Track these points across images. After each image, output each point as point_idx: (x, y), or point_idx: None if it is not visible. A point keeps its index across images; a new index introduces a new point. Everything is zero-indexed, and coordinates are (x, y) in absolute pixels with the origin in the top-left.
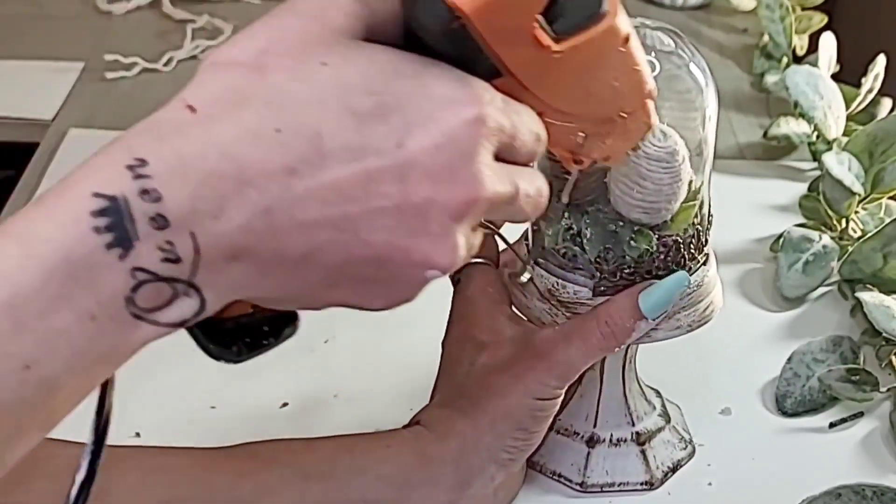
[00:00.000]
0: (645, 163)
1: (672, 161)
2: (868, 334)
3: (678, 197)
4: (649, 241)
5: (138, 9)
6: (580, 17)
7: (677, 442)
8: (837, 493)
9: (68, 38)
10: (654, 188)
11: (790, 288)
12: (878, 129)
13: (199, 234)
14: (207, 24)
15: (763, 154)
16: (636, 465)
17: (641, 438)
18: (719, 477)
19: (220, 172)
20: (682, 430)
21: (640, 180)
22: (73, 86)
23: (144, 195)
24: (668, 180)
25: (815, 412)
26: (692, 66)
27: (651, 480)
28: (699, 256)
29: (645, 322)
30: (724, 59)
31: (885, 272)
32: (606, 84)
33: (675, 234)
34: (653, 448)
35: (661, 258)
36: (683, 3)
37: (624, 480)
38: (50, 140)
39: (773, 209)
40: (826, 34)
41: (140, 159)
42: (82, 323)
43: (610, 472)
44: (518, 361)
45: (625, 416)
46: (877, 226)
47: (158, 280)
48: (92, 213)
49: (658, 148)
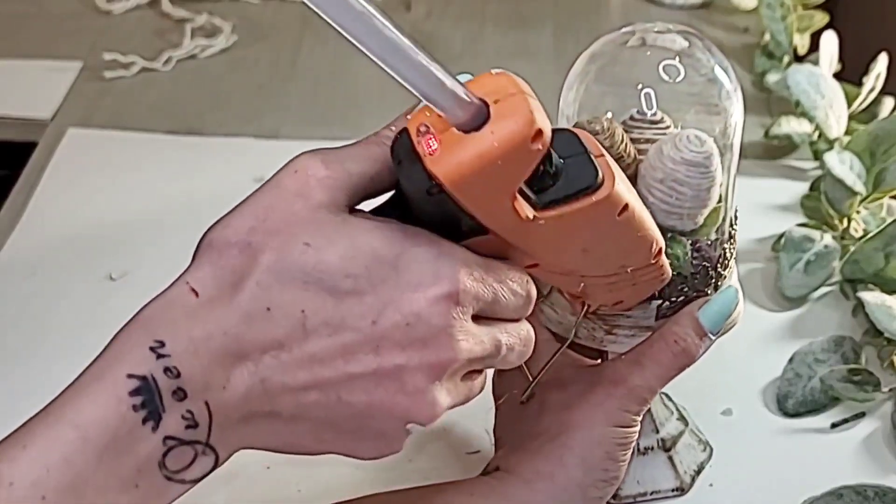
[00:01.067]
0: (683, 168)
1: (710, 165)
2: (870, 334)
3: (713, 201)
4: (683, 247)
5: (137, 8)
6: (571, 188)
7: (696, 444)
8: (839, 494)
9: (67, 36)
10: (693, 194)
11: (792, 288)
12: (880, 129)
13: (211, 403)
14: (206, 23)
15: (764, 153)
16: (665, 472)
17: (667, 444)
18: (721, 477)
19: (225, 350)
20: (698, 431)
21: (678, 186)
22: (72, 85)
23: (167, 373)
24: (706, 185)
25: (817, 412)
26: (717, 71)
27: (682, 486)
28: (730, 261)
29: (709, 337)
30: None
31: (886, 272)
32: (603, 246)
33: (706, 238)
34: (678, 453)
35: (695, 263)
36: (684, 3)
37: (656, 489)
38: (48, 139)
39: (775, 209)
40: (827, 33)
41: (159, 341)
42: (129, 492)
43: (641, 481)
44: (594, 393)
45: (649, 424)
46: (878, 225)
47: (183, 444)
48: (129, 393)
49: (695, 153)
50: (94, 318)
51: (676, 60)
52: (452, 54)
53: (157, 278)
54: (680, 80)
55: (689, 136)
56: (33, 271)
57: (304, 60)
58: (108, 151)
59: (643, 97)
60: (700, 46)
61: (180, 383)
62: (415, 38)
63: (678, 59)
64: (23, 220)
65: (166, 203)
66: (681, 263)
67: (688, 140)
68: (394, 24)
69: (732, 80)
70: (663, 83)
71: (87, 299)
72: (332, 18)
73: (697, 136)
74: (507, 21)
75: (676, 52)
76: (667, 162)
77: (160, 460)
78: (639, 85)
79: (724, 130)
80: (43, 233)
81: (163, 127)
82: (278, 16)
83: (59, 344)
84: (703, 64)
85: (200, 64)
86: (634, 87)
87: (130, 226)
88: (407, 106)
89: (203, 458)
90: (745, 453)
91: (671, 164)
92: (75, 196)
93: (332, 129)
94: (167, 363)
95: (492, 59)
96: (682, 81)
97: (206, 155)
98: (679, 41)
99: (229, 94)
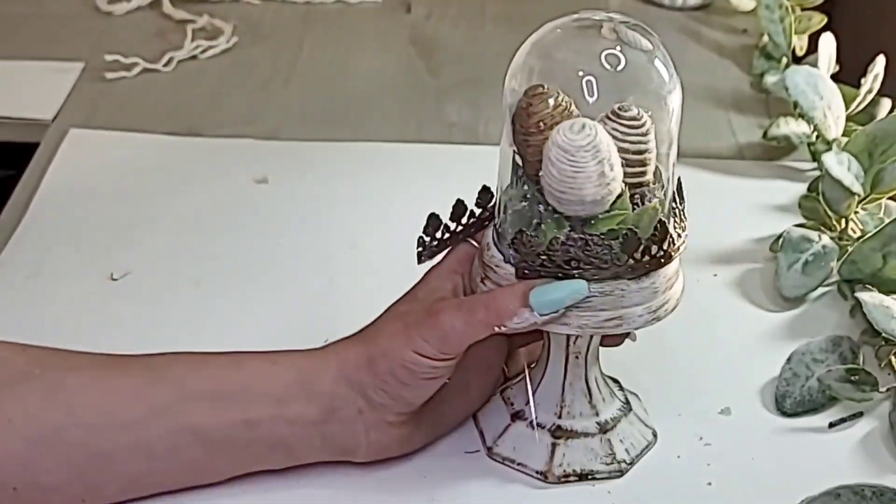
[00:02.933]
0: (555, 150)
1: (576, 155)
2: (867, 334)
3: (585, 193)
4: (559, 230)
5: (138, 9)
6: None
7: (603, 455)
8: (837, 494)
9: (68, 38)
10: (559, 177)
11: (790, 288)
12: (878, 130)
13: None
14: (207, 25)
15: (763, 154)
16: (541, 454)
17: (559, 433)
18: (719, 477)
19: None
20: (622, 449)
21: (549, 165)
22: (74, 86)
23: None
24: (570, 172)
25: (815, 412)
26: (657, 61)
27: (546, 473)
28: (618, 265)
29: (530, 312)
30: (724, 59)
31: (884, 272)
32: None
33: (597, 234)
34: (567, 447)
35: (579, 252)
36: (683, 4)
37: (524, 462)
38: (50, 140)
39: (773, 209)
40: (825, 34)
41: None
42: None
43: (516, 449)
44: (414, 315)
45: (555, 406)
46: (876, 226)
47: None
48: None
49: (566, 139)
50: (96, 318)
51: (617, 49)
52: (452, 55)
53: (158, 278)
54: (620, 69)
55: (575, 123)
56: (35, 271)
57: (305, 62)
58: (109, 152)
59: (584, 85)
60: (644, 37)
61: None
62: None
63: (619, 47)
64: (24, 221)
65: (168, 203)
66: (540, 242)
67: (570, 126)
68: None
69: (671, 70)
70: (604, 70)
71: (89, 299)
72: None
73: (583, 125)
74: (507, 21)
75: (618, 41)
76: (549, 141)
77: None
78: (580, 72)
79: (662, 120)
80: (45, 233)
81: (164, 128)
82: (279, 17)
83: (60, 344)
84: (645, 54)
85: (201, 65)
86: (576, 75)
87: (132, 226)
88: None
89: None
90: (742, 453)
91: (549, 143)
92: (77, 196)
93: (333, 130)
94: None
95: (492, 59)
96: (622, 70)
97: (206, 156)
98: (623, 30)
99: (230, 95)
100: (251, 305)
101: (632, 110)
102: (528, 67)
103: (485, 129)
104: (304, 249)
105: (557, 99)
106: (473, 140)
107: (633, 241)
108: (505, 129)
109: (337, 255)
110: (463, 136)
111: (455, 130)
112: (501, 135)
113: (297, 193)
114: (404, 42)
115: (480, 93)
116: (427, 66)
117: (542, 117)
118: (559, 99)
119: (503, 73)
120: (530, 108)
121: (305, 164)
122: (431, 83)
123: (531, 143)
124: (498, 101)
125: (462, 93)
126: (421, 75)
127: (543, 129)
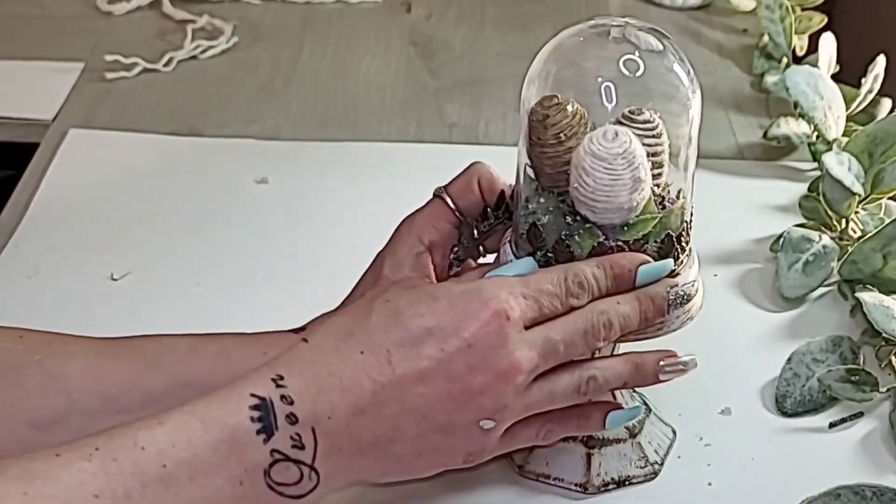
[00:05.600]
0: (589, 159)
1: (613, 163)
2: (868, 334)
3: (622, 201)
4: (594, 240)
5: (138, 9)
6: None
7: (636, 459)
8: (837, 494)
9: (68, 38)
10: (594, 186)
11: (790, 288)
12: (878, 130)
13: (317, 430)
14: (207, 25)
15: (763, 154)
16: (576, 466)
17: (592, 442)
18: (719, 477)
19: (329, 386)
20: (651, 450)
21: (584, 175)
22: (74, 86)
23: (283, 399)
24: (607, 181)
25: (815, 412)
26: (677, 67)
27: (586, 485)
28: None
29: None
30: (724, 59)
31: (884, 272)
32: None
33: (629, 240)
34: (602, 455)
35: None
36: (683, 4)
37: (560, 476)
38: (50, 140)
39: (773, 209)
40: (826, 34)
41: (279, 375)
42: (234, 485)
43: (550, 464)
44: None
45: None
46: (877, 226)
47: (289, 460)
48: (250, 407)
49: (602, 147)
50: (96, 318)
51: (636, 55)
52: (452, 55)
53: (158, 278)
54: (639, 75)
55: (608, 130)
56: (35, 271)
57: (305, 61)
58: (109, 152)
59: (602, 90)
60: (662, 42)
61: (293, 410)
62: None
63: (637, 53)
64: (25, 221)
65: (168, 203)
66: (581, 254)
67: (602, 134)
68: None
69: (691, 75)
70: (623, 77)
71: (89, 299)
72: None
73: (616, 132)
74: (506, 22)
75: (637, 47)
76: (580, 150)
77: (266, 468)
78: (598, 78)
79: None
80: (45, 233)
81: (164, 128)
82: (279, 17)
83: None
84: (664, 59)
85: (201, 65)
86: (595, 81)
87: (132, 226)
88: (406, 107)
89: (307, 480)
90: (743, 453)
91: (582, 153)
92: (77, 197)
93: (333, 130)
94: (284, 392)
95: (492, 60)
96: (641, 76)
97: (207, 156)
98: (641, 36)
99: (230, 96)
100: (251, 305)
101: (644, 113)
102: (546, 74)
103: (485, 130)
104: (304, 249)
105: (574, 108)
106: (473, 140)
107: (669, 242)
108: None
109: (337, 255)
110: (463, 137)
111: (455, 130)
112: (519, 144)
113: (297, 193)
114: (404, 42)
115: (480, 93)
116: (427, 66)
117: (560, 128)
118: (575, 108)
119: (503, 74)
120: (547, 120)
121: (305, 164)
122: (431, 83)
123: (549, 155)
124: (498, 101)
125: (462, 93)
126: (421, 75)
127: (563, 139)
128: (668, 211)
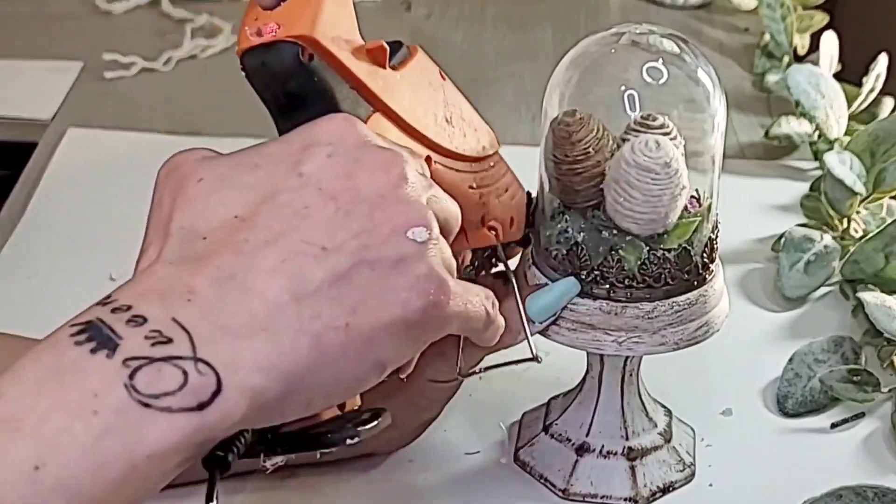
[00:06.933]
0: (634, 172)
1: (661, 172)
2: (869, 335)
3: (668, 210)
4: (638, 252)
5: (137, 8)
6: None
7: (674, 463)
8: (839, 495)
9: (67, 37)
10: (643, 198)
11: (791, 288)
12: (880, 129)
13: (179, 317)
14: (206, 24)
15: (764, 154)
16: (622, 480)
17: (633, 454)
18: (720, 477)
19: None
20: (684, 452)
21: (629, 189)
22: (72, 85)
23: (116, 311)
24: (656, 191)
25: (817, 413)
26: (700, 73)
27: (636, 498)
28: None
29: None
30: (725, 58)
31: (886, 272)
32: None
33: (671, 247)
34: (644, 465)
35: (670, 269)
36: (684, 3)
37: (608, 493)
38: (49, 139)
39: (775, 209)
40: (827, 33)
41: (107, 296)
42: (84, 419)
43: (595, 483)
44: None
45: (619, 429)
46: (878, 226)
47: (154, 361)
48: (70, 335)
49: (647, 158)
50: None
51: (660, 62)
52: (452, 55)
53: None
54: (663, 83)
55: (648, 140)
56: (34, 272)
57: None
58: (108, 152)
59: (626, 99)
60: (685, 49)
61: (135, 313)
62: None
63: (661, 61)
64: (23, 221)
65: None
66: (630, 268)
67: (644, 144)
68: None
69: (715, 82)
70: (647, 85)
71: (88, 299)
72: None
73: (657, 142)
74: (507, 22)
75: (660, 54)
76: (622, 163)
77: (126, 382)
78: (622, 87)
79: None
80: (43, 233)
81: (163, 127)
82: None
83: None
84: (687, 66)
85: (201, 64)
86: (618, 89)
87: (131, 226)
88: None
89: (198, 376)
90: (744, 453)
91: (624, 166)
92: (76, 196)
93: None
94: (115, 305)
95: (492, 59)
96: (665, 83)
97: None
98: (664, 43)
99: (230, 95)
100: None
101: (658, 119)
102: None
103: None
104: None
105: (595, 121)
106: None
107: (708, 246)
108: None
109: None
110: None
111: None
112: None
113: None
114: (404, 41)
115: (480, 93)
116: None
117: (588, 142)
118: (597, 121)
119: (503, 73)
120: (573, 136)
121: None
122: None
123: (578, 171)
124: (498, 101)
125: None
126: None
127: (592, 154)
128: (699, 212)
